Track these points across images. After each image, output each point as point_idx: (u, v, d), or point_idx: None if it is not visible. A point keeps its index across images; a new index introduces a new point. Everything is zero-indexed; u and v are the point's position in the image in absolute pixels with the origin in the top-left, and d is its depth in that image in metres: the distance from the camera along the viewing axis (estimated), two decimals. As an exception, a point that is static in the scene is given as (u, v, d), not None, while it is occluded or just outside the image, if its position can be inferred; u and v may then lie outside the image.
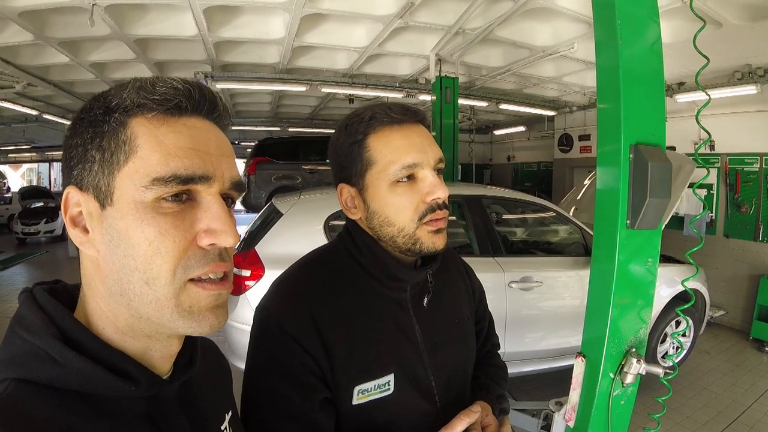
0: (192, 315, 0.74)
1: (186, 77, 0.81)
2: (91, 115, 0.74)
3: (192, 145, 0.74)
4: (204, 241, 0.74)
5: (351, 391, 1.20)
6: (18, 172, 29.24)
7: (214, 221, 0.75)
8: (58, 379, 0.68)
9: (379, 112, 1.24)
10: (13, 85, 8.22)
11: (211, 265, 0.75)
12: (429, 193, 1.21)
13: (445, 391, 1.35)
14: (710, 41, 5.48)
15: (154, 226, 0.71)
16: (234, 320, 4.24)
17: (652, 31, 1.81)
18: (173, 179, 0.71)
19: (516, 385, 5.43)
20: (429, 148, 1.25)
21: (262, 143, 12.73)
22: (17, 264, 12.23)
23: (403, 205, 1.23)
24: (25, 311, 0.73)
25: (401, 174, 1.21)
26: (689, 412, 4.95)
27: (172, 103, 0.74)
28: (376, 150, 1.23)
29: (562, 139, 12.35)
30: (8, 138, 16.89)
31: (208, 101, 0.78)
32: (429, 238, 1.24)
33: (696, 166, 2.05)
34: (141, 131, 0.72)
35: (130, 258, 0.71)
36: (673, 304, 5.27)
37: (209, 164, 0.75)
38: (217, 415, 0.97)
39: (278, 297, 1.27)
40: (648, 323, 1.91)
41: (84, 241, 0.74)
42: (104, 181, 0.72)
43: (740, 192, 7.64)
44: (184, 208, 0.74)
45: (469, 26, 6.21)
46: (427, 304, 1.38)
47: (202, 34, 6.29)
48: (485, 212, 5.16)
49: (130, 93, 0.73)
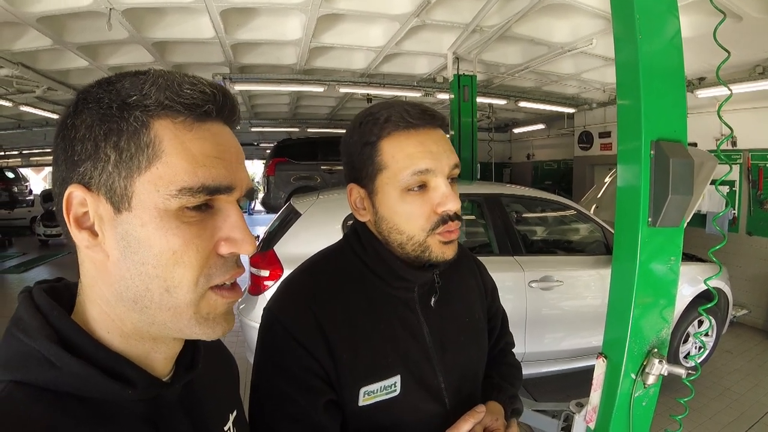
0: (208, 321, 0.75)
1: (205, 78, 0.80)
2: (101, 108, 0.69)
3: (217, 154, 0.73)
4: (224, 250, 0.74)
5: (357, 392, 1.19)
6: (40, 175, 29.57)
7: (235, 230, 0.75)
8: (53, 381, 0.67)
9: (395, 115, 1.20)
10: (34, 89, 8.33)
11: (231, 273, 0.76)
12: (440, 204, 1.19)
13: (456, 392, 1.34)
14: (730, 35, 5.40)
15: (179, 236, 0.70)
16: (253, 320, 4.27)
17: (672, 25, 1.78)
18: (201, 190, 0.70)
19: (536, 385, 5.39)
20: (444, 155, 1.21)
21: (281, 144, 12.86)
22: (40, 265, 12.41)
23: (413, 214, 1.20)
24: (22, 312, 0.72)
25: (412, 182, 1.18)
26: (711, 413, 4.88)
27: (202, 109, 0.72)
28: (389, 155, 1.20)
29: (582, 136, 12.26)
30: (29, 142, 17.09)
31: (229, 106, 0.77)
32: (439, 248, 1.22)
33: (718, 162, 2.02)
34: (167, 135, 0.70)
35: (150, 266, 0.70)
36: (695, 303, 5.21)
37: (232, 173, 0.74)
38: (221, 414, 0.96)
39: (283, 299, 1.27)
40: (670, 323, 1.88)
41: (92, 244, 0.71)
42: (120, 184, 0.69)
43: (763, 189, 7.50)
44: (204, 217, 0.73)
45: (486, 24, 6.17)
46: (435, 304, 1.36)
47: (219, 37, 6.33)
48: (505, 211, 5.14)
49: (153, 91, 0.69)
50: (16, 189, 18.35)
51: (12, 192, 18.11)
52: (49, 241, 15.57)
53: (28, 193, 19.15)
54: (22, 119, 12.98)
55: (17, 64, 6.84)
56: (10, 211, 17.62)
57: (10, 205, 17.81)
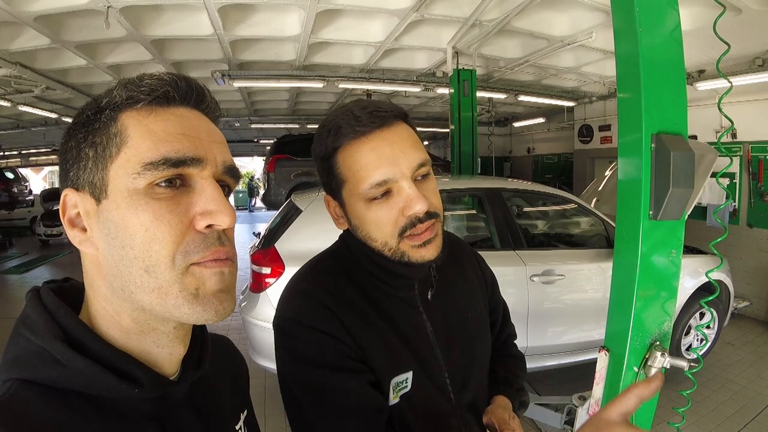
0: (197, 299, 0.73)
1: (201, 76, 0.80)
2: (83, 118, 0.75)
3: (182, 131, 0.74)
4: (201, 224, 0.73)
5: (389, 385, 1.18)
6: (39, 175, 29.63)
7: (209, 203, 0.74)
8: (60, 380, 0.68)
9: (344, 125, 1.15)
10: (32, 89, 8.31)
11: (211, 250, 0.74)
12: (406, 207, 1.13)
13: (461, 388, 1.33)
14: (730, 27, 5.38)
15: (149, 211, 0.70)
16: (255, 317, 4.28)
17: (672, 18, 1.78)
18: (164, 162, 0.71)
19: (539, 379, 5.40)
20: (402, 156, 1.14)
21: (281, 140, 12.82)
22: (41, 266, 12.41)
23: (380, 222, 1.17)
24: (29, 311, 0.73)
25: (372, 193, 1.14)
26: (713, 405, 4.89)
27: (159, 92, 0.75)
28: (345, 167, 1.17)
29: (582, 129, 12.25)
30: (29, 141, 17.13)
31: (195, 92, 0.79)
32: (414, 252, 1.18)
33: (718, 154, 2.01)
34: (131, 122, 0.73)
35: (129, 248, 0.70)
36: (697, 295, 5.21)
37: (200, 148, 0.75)
38: (232, 414, 0.96)
39: (296, 306, 1.23)
40: (672, 316, 1.89)
41: (83, 239, 0.74)
42: (98, 176, 0.72)
43: (763, 181, 7.50)
44: (178, 193, 0.73)
45: (485, 18, 6.15)
46: (433, 298, 1.35)
47: (218, 33, 6.31)
48: (506, 205, 5.14)
49: (119, 90, 0.74)
50: (15, 189, 18.35)
51: (12, 192, 18.11)
52: (50, 241, 15.58)
53: (28, 193, 19.16)
54: (21, 119, 12.95)
55: (15, 63, 6.82)
56: (10, 212, 17.64)
57: (10, 205, 17.82)
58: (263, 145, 19.14)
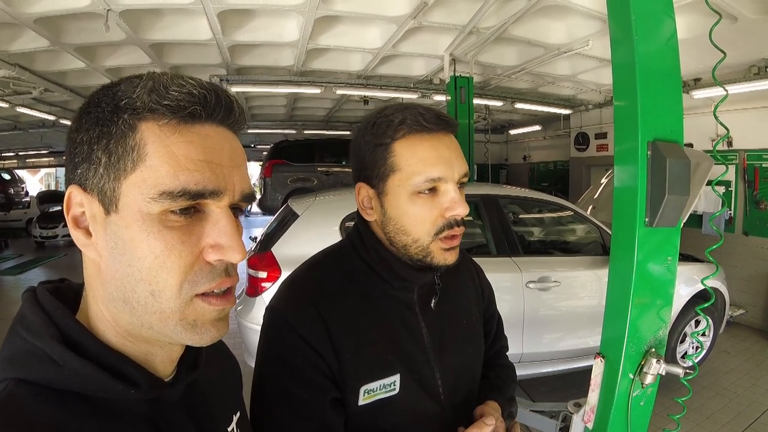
0: (195, 328, 0.73)
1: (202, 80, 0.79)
2: (99, 111, 0.70)
3: (204, 157, 0.71)
4: (211, 257, 0.72)
5: (358, 391, 1.19)
6: (36, 177, 29.59)
7: (222, 237, 0.73)
8: (56, 380, 0.68)
9: (410, 118, 1.19)
10: (30, 90, 8.33)
11: (217, 281, 0.73)
12: (449, 208, 1.19)
13: (452, 392, 1.34)
14: (726, 36, 5.41)
15: (161, 240, 0.69)
16: (250, 321, 4.27)
17: (668, 26, 1.79)
18: (182, 194, 0.69)
19: (534, 386, 5.40)
20: (456, 162, 1.21)
21: (278, 146, 12.83)
22: (36, 267, 12.39)
23: (421, 218, 1.20)
24: (26, 310, 0.73)
25: (424, 186, 1.18)
26: (709, 412, 4.89)
27: (186, 111, 0.70)
28: (402, 157, 1.20)
29: (578, 137, 12.30)
30: (26, 143, 17.09)
31: (224, 107, 0.75)
32: (441, 255, 1.23)
33: (714, 162, 2.02)
34: (151, 138, 0.69)
35: (135, 269, 0.69)
36: (692, 303, 5.20)
37: (221, 178, 0.73)
38: (224, 416, 0.96)
39: (287, 297, 1.27)
40: (668, 323, 1.89)
41: (86, 243, 0.73)
42: (109, 186, 0.69)
43: (759, 189, 7.53)
44: (191, 221, 0.72)
45: (482, 25, 6.18)
46: (435, 305, 1.37)
47: (216, 38, 6.33)
48: (502, 212, 5.15)
49: (142, 94, 0.69)
50: (12, 191, 18.36)
51: (8, 194, 18.12)
52: (46, 242, 15.58)
53: (25, 194, 19.17)
54: (19, 121, 12.95)
55: (14, 65, 6.83)
56: (6, 213, 17.63)
57: (6, 207, 17.81)
58: (260, 150, 19.12)
